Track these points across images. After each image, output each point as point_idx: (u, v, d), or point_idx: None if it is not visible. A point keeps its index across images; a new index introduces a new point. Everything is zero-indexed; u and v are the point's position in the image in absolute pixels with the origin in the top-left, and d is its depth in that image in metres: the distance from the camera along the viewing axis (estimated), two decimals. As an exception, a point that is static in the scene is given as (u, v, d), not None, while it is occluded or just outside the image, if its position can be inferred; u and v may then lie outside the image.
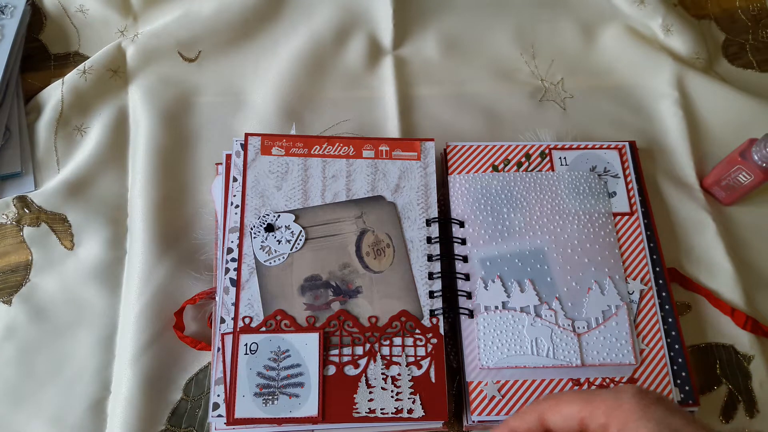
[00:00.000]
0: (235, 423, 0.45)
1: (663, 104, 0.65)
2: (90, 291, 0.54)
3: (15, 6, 0.66)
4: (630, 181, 0.56)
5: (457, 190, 0.55)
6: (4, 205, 0.58)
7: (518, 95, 0.66)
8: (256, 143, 0.54)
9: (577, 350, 0.48)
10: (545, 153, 0.57)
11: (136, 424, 0.49)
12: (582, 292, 0.51)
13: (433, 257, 0.51)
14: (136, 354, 0.51)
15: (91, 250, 0.56)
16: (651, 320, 0.50)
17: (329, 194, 0.53)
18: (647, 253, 0.53)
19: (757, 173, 0.55)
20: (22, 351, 0.52)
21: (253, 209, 0.52)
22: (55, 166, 0.60)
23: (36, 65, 0.67)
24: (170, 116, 0.63)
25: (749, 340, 0.53)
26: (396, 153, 0.55)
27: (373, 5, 0.69)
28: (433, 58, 0.68)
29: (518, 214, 0.54)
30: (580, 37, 0.70)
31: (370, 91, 0.66)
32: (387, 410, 0.46)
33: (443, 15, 0.70)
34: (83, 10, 0.69)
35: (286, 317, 0.48)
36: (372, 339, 0.48)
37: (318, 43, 0.67)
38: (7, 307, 0.54)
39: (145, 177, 0.59)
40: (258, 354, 0.47)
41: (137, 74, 0.65)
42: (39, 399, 0.50)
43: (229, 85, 0.66)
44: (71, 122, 0.62)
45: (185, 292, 0.54)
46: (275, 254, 0.50)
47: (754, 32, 0.72)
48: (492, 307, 0.50)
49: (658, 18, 0.69)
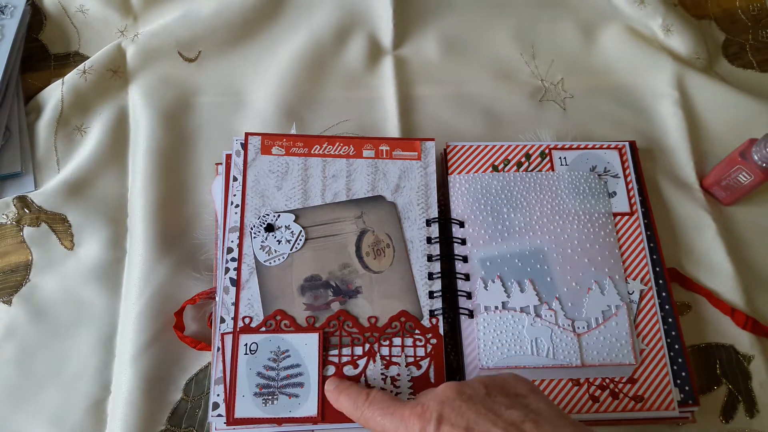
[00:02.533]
0: (234, 423, 0.45)
1: (663, 104, 0.65)
2: (90, 291, 0.55)
3: (15, 6, 0.66)
4: (630, 181, 0.56)
5: (457, 190, 0.55)
6: (4, 205, 0.58)
7: (518, 95, 0.66)
8: (256, 143, 0.54)
9: (577, 350, 0.48)
10: (545, 153, 0.57)
11: (136, 424, 0.49)
12: (582, 292, 0.51)
13: (433, 257, 0.51)
14: (136, 354, 0.51)
15: (91, 250, 0.56)
16: (651, 320, 0.50)
17: (329, 194, 0.53)
18: (647, 253, 0.53)
19: (757, 173, 0.55)
20: (22, 351, 0.52)
21: (253, 209, 0.52)
22: (55, 166, 0.60)
23: (36, 65, 0.67)
24: (170, 116, 0.63)
25: (749, 340, 0.53)
26: (396, 153, 0.55)
27: (373, 5, 0.69)
28: (433, 58, 0.68)
29: (518, 214, 0.54)
30: (580, 37, 0.70)
31: (370, 91, 0.66)
32: (387, 410, 0.46)
33: (443, 15, 0.70)
34: (83, 10, 0.69)
35: (286, 317, 0.48)
36: (371, 339, 0.48)
37: (318, 43, 0.67)
38: (7, 307, 0.54)
39: (145, 177, 0.59)
40: (258, 354, 0.47)
41: (137, 74, 0.65)
42: (39, 399, 0.50)
43: (229, 85, 0.66)
44: (71, 122, 0.62)
45: (185, 292, 0.54)
46: (275, 254, 0.50)
47: (754, 32, 0.72)
48: (492, 307, 0.50)
49: (658, 18, 0.69)
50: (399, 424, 0.38)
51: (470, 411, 0.36)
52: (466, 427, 0.36)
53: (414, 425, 0.37)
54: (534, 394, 0.38)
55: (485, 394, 0.38)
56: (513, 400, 0.37)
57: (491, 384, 0.39)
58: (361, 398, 0.42)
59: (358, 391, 0.43)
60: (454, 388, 0.38)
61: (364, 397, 0.42)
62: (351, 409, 0.43)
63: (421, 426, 0.37)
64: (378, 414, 0.40)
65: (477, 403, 0.37)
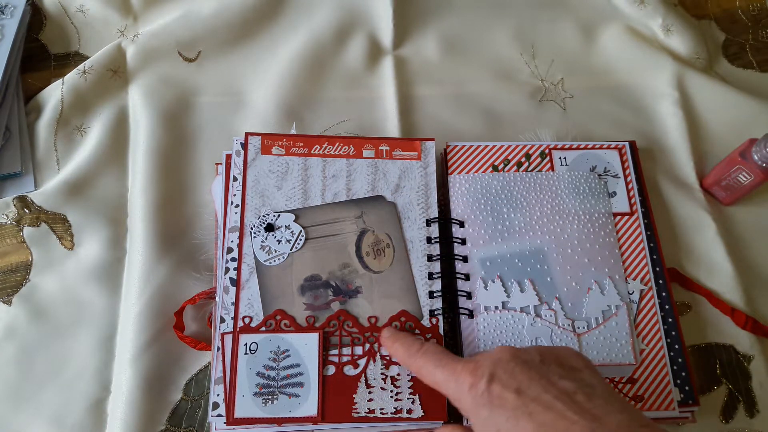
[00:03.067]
0: (234, 423, 0.45)
1: (663, 104, 0.65)
2: (90, 291, 0.55)
3: (15, 6, 0.66)
4: (630, 181, 0.56)
5: (457, 190, 0.55)
6: (4, 205, 0.58)
7: (518, 95, 0.66)
8: (256, 143, 0.54)
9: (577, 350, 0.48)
10: (545, 153, 0.57)
11: (136, 424, 0.49)
12: (582, 292, 0.51)
13: (433, 257, 0.51)
14: (136, 354, 0.51)
15: (91, 250, 0.56)
16: (651, 320, 0.50)
17: (329, 194, 0.53)
18: (647, 253, 0.53)
19: (757, 173, 0.55)
20: (22, 351, 0.52)
21: (253, 209, 0.52)
22: (55, 166, 0.60)
23: (36, 65, 0.67)
24: (170, 116, 0.63)
25: (749, 340, 0.53)
26: (396, 153, 0.55)
27: (373, 5, 0.69)
28: (433, 58, 0.68)
29: (518, 214, 0.54)
30: (580, 37, 0.70)
31: (370, 91, 0.66)
32: (386, 410, 0.46)
33: (443, 15, 0.70)
34: (83, 10, 0.69)
35: (286, 317, 0.48)
36: (372, 339, 0.48)
37: (318, 43, 0.67)
38: (7, 307, 0.54)
39: (145, 177, 0.59)
40: (258, 354, 0.47)
41: (137, 74, 0.65)
42: (39, 399, 0.50)
43: (229, 85, 0.66)
44: (71, 122, 0.62)
45: (185, 292, 0.54)
46: (275, 254, 0.50)
47: (754, 32, 0.72)
48: (492, 307, 0.50)
49: (658, 18, 0.69)
50: (450, 377, 0.39)
51: (523, 374, 0.36)
52: (517, 389, 0.36)
53: (465, 380, 0.38)
54: (588, 369, 0.38)
55: (540, 362, 0.38)
56: (567, 371, 0.37)
57: (547, 353, 0.39)
58: (415, 347, 0.43)
59: (413, 339, 0.45)
60: (510, 351, 0.38)
61: (418, 346, 0.43)
62: (404, 357, 0.44)
63: (472, 382, 0.37)
64: (431, 364, 0.41)
65: (531, 369, 0.37)
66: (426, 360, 0.42)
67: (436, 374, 0.40)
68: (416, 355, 0.43)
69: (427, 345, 0.43)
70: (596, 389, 0.36)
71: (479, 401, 0.37)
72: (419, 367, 0.42)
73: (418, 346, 0.43)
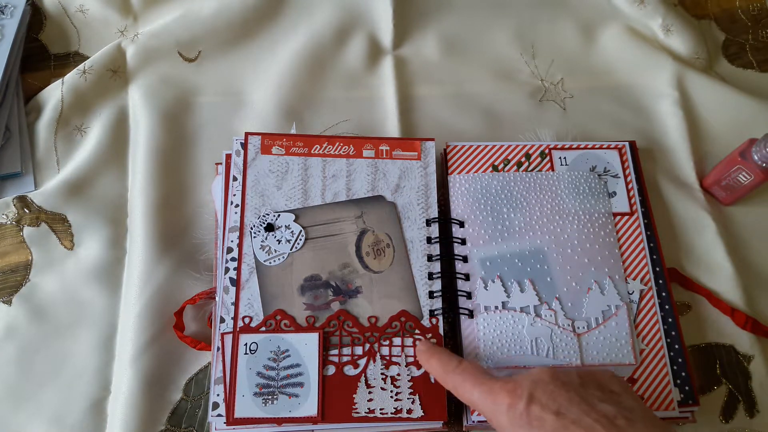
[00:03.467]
0: (234, 423, 0.45)
1: (663, 104, 0.65)
2: (90, 291, 0.55)
3: (15, 6, 0.66)
4: (630, 181, 0.56)
5: (457, 190, 0.55)
6: (4, 205, 0.58)
7: (518, 95, 0.66)
8: (256, 142, 0.54)
9: (576, 350, 0.48)
10: (545, 153, 0.57)
11: (136, 424, 0.49)
12: (582, 292, 0.51)
13: (433, 257, 0.51)
14: (136, 354, 0.51)
15: (91, 250, 0.56)
16: (651, 320, 0.50)
17: (329, 194, 0.53)
18: (647, 253, 0.53)
19: (757, 173, 0.55)
20: (22, 351, 0.52)
21: (253, 209, 0.52)
22: (55, 166, 0.60)
23: (36, 65, 0.67)
24: (170, 116, 0.63)
25: (749, 340, 0.53)
26: (396, 153, 0.55)
27: (373, 5, 0.69)
28: (433, 58, 0.68)
29: (518, 214, 0.54)
30: (580, 37, 0.70)
31: (370, 91, 0.66)
32: (386, 410, 0.46)
33: (443, 15, 0.70)
34: (83, 10, 0.69)
35: (286, 317, 0.48)
36: (372, 339, 0.48)
37: (318, 43, 0.67)
38: (7, 307, 0.54)
39: (145, 177, 0.59)
40: (258, 354, 0.47)
41: (137, 74, 0.65)
42: (39, 399, 0.50)
43: (229, 85, 0.66)
44: (71, 122, 0.62)
45: (185, 292, 0.54)
46: (275, 254, 0.50)
47: (754, 32, 0.72)
48: (492, 307, 0.50)
49: (658, 18, 0.69)
50: (488, 397, 0.39)
51: (562, 397, 0.36)
52: (557, 411, 0.35)
53: (503, 400, 0.37)
54: (627, 393, 0.38)
55: (579, 384, 0.37)
56: (607, 395, 0.37)
57: (586, 376, 0.38)
58: (453, 364, 0.43)
59: (450, 356, 0.44)
60: (549, 372, 0.38)
61: (456, 363, 0.42)
62: (440, 373, 0.43)
63: (510, 402, 0.37)
64: (469, 383, 0.40)
65: (570, 391, 0.36)
66: (464, 378, 0.41)
67: (474, 393, 0.40)
68: (453, 372, 0.42)
69: (465, 363, 0.42)
70: (636, 413, 0.35)
71: (517, 422, 0.36)
72: (456, 385, 0.42)
73: (456, 363, 0.43)
